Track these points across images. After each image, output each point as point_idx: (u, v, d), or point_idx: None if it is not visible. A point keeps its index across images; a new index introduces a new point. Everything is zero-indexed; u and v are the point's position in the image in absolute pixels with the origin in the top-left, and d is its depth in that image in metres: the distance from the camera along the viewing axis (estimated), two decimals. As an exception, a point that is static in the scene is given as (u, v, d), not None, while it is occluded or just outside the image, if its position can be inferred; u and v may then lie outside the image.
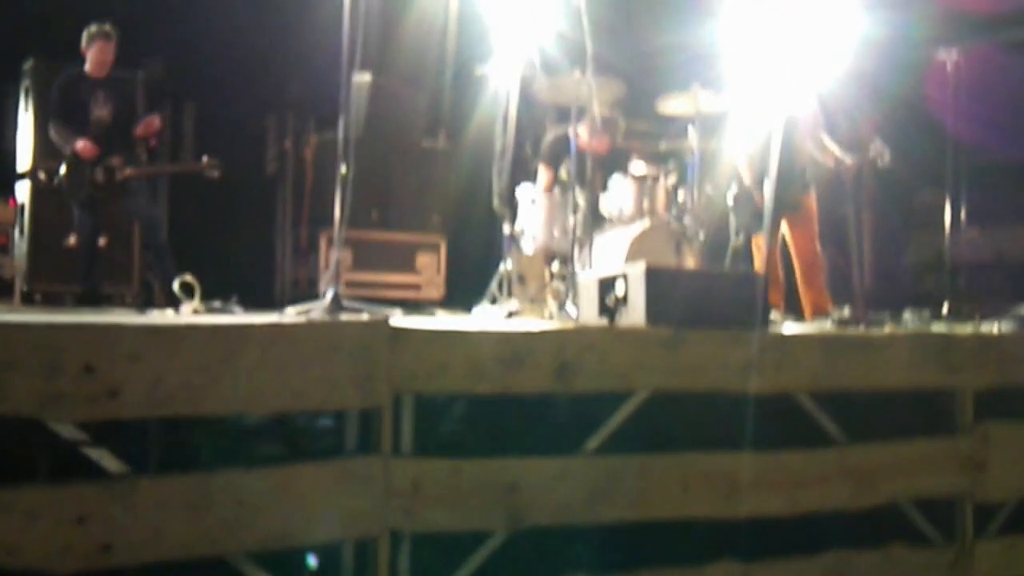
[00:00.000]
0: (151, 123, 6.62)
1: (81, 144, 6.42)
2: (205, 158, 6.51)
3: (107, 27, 6.68)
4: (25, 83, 6.91)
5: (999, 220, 9.08)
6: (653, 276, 4.45)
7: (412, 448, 3.81)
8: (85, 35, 6.67)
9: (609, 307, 4.61)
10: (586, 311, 4.99)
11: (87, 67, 6.73)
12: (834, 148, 6.84)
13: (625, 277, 4.55)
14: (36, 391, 3.01)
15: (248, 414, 3.51)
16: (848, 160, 6.72)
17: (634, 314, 4.48)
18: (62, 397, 3.04)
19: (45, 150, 6.75)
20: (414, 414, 3.81)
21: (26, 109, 6.82)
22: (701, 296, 4.50)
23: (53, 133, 6.51)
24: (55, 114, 6.55)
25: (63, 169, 6.42)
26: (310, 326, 3.74)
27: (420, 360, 3.78)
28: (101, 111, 6.65)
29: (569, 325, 5.08)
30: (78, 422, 3.11)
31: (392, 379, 3.71)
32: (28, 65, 6.85)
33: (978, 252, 8.78)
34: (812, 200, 6.90)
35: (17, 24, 6.96)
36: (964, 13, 7.96)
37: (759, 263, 6.60)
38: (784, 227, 6.84)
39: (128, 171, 6.46)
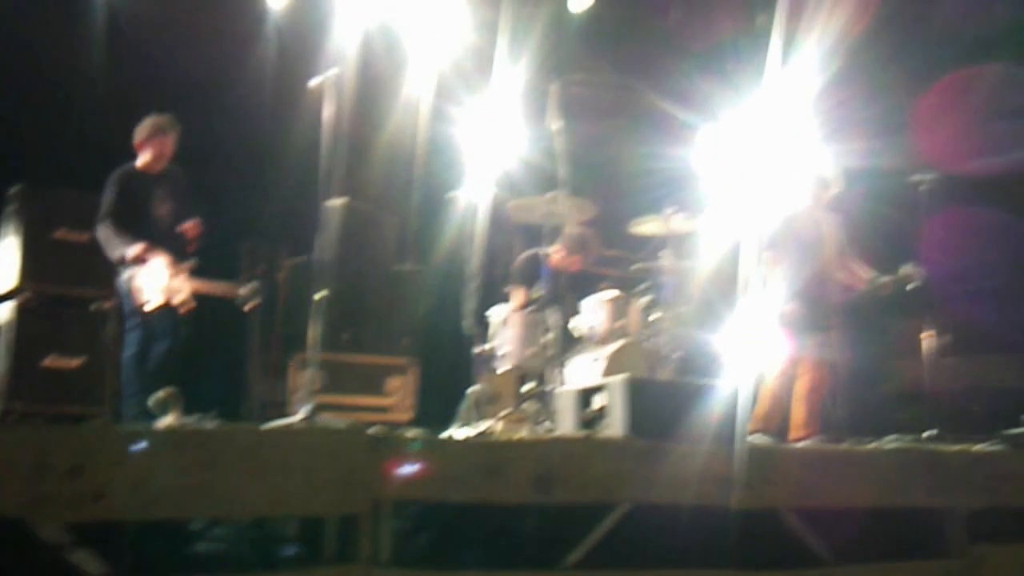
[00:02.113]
0: (193, 226, 6.42)
1: (135, 253, 6.14)
2: (247, 286, 6.50)
3: (167, 118, 6.53)
4: (11, 207, 7.06)
5: (977, 348, 9.30)
6: (633, 387, 4.66)
7: (391, 557, 3.93)
8: (146, 127, 6.51)
9: (589, 419, 4.79)
10: (564, 423, 5.15)
11: (144, 162, 6.49)
12: (862, 271, 7.07)
13: (605, 388, 4.75)
14: (22, 492, 3.15)
15: (230, 518, 3.64)
16: (882, 279, 6.95)
17: (614, 425, 4.66)
18: (48, 499, 3.19)
19: (30, 272, 6.86)
20: (393, 522, 3.95)
21: (11, 233, 6.97)
22: (681, 408, 4.69)
23: (104, 233, 6.28)
24: (110, 213, 6.30)
25: (128, 270, 6.17)
26: (291, 432, 3.92)
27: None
28: (161, 210, 6.46)
29: (549, 436, 5.23)
30: (63, 524, 3.24)
31: (371, 486, 3.87)
32: (15, 190, 7.03)
33: (957, 381, 8.95)
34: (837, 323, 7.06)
35: (3, 149, 7.15)
36: (937, 145, 8.35)
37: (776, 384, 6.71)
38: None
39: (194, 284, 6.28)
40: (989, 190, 8.66)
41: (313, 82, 5.64)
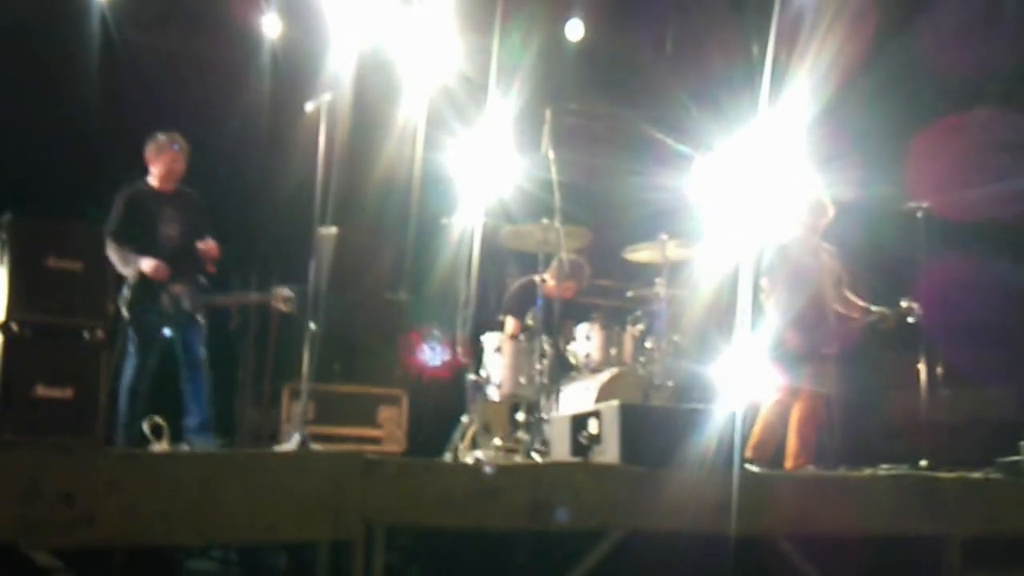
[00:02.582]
0: (211, 246, 6.32)
1: (149, 265, 6.03)
2: (280, 290, 6.46)
3: (176, 135, 6.44)
4: (0, 235, 7.08)
5: (973, 380, 9.30)
6: (627, 414, 4.69)
7: (384, 585, 3.95)
8: (152, 145, 6.45)
9: (582, 445, 4.82)
10: (558, 449, 5.17)
11: (153, 180, 6.42)
12: (858, 302, 7.11)
13: (599, 415, 4.78)
14: (14, 516, 3.17)
15: (222, 544, 3.66)
16: (878, 310, 6.98)
17: (608, 452, 4.69)
18: (40, 523, 3.20)
19: (20, 302, 6.85)
20: (385, 548, 3.96)
21: (1, 262, 6.98)
22: (675, 434, 4.71)
23: (111, 251, 6.05)
24: (115, 230, 6.21)
25: (126, 292, 6.11)
26: (284, 457, 3.94)
27: (392, 493, 3.96)
28: (169, 229, 6.36)
29: (542, 463, 5.24)
30: (54, 549, 3.25)
31: (364, 512, 3.88)
32: (4, 220, 7.04)
33: (952, 412, 8.95)
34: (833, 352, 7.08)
35: (-1, 177, 7.19)
36: (931, 171, 8.39)
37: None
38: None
39: (210, 301, 6.31)
40: (985, 223, 8.71)
41: (308, 108, 5.70)
